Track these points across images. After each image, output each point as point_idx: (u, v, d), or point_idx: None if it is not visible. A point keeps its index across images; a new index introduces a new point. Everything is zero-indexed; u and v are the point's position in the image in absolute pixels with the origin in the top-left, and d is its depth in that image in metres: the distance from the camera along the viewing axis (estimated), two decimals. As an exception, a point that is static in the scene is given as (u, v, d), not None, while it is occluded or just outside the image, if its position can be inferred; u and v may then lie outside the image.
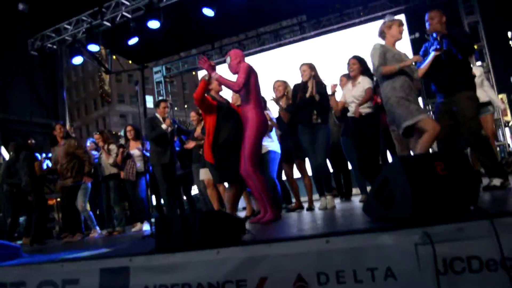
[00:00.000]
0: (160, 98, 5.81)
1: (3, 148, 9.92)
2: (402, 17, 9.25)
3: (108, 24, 9.05)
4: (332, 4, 9.92)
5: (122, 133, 16.41)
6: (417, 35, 8.99)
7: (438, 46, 4.05)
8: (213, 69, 4.18)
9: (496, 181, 3.75)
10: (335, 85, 5.02)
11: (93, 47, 9.13)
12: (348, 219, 3.50)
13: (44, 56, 9.56)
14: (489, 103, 5.40)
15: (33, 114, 9.74)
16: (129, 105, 47.10)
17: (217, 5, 8.18)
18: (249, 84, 4.11)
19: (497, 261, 1.96)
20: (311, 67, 5.19)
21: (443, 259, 2.02)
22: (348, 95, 4.86)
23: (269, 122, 5.56)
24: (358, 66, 4.95)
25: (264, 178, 4.18)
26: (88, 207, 6.94)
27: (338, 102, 5.07)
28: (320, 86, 5.11)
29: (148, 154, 6.30)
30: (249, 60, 10.34)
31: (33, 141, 7.00)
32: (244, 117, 4.14)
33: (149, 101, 22.43)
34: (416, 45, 9.21)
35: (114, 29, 9.14)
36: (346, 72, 5.25)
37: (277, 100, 5.39)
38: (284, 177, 6.15)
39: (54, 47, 9.75)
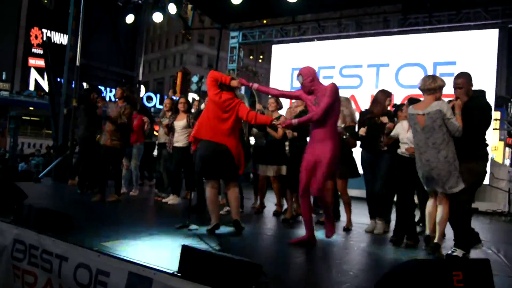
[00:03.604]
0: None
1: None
2: (495, 32, 8.53)
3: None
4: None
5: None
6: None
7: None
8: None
9: (459, 252, 3.80)
10: (391, 125, 4.79)
11: (174, 8, 9.33)
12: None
13: (128, 8, 9.94)
14: None
15: (111, 63, 10.32)
16: (207, 46, 47.81)
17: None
18: (332, 107, 3.95)
19: None
20: (387, 94, 5.08)
21: None
22: (404, 135, 4.62)
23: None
24: None
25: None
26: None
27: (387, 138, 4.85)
28: (389, 113, 5.06)
29: None
30: (326, 44, 10.22)
31: (95, 96, 7.23)
32: (319, 139, 4.04)
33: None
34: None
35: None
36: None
37: (343, 133, 5.15)
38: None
39: (140, 1, 10.12)
